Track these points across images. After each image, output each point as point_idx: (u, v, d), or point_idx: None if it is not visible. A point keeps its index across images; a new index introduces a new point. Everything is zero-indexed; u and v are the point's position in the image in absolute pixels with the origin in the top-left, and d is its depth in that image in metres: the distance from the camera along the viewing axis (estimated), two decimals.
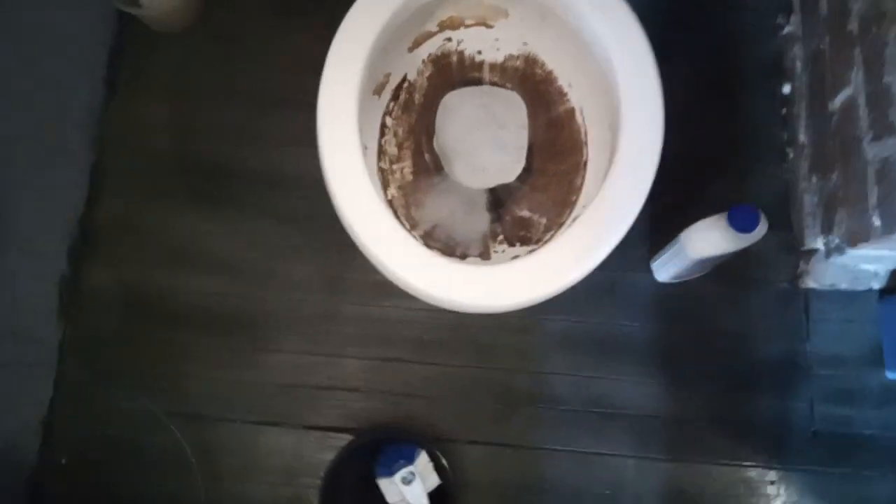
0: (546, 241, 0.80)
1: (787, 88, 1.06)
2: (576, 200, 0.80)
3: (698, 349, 0.97)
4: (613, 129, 0.72)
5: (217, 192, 1.01)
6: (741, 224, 0.78)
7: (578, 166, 0.82)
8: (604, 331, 0.97)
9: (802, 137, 1.02)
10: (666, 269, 0.94)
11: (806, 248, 0.98)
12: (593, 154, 0.81)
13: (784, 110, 1.05)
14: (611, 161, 0.67)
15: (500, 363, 0.96)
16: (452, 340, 0.97)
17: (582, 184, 0.80)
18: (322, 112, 0.67)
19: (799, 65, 1.04)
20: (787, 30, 1.07)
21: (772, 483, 0.93)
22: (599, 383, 0.96)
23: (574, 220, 0.79)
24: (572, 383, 0.96)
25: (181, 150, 1.03)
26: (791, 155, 1.04)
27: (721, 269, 0.95)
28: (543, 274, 0.63)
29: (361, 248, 0.67)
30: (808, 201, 0.98)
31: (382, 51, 0.74)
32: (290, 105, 1.02)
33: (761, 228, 0.79)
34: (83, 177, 1.01)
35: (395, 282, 0.66)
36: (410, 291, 0.66)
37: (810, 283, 0.98)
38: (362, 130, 0.70)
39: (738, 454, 0.93)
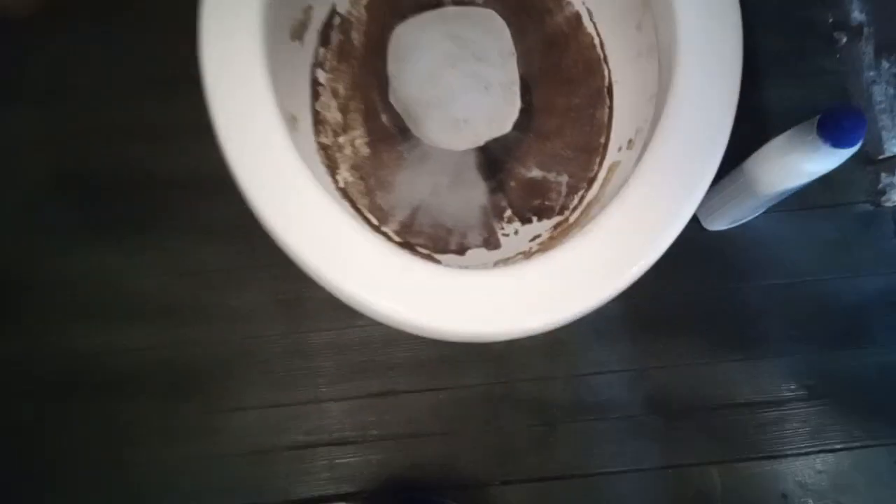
0: (576, 209, 0.56)
1: None
2: (606, 143, 0.57)
3: (776, 307, 0.78)
4: (650, 28, 0.49)
5: (122, 215, 0.80)
6: (840, 135, 0.55)
7: (600, 93, 0.58)
8: (649, 307, 0.77)
9: (858, 15, 0.81)
10: (722, 213, 0.72)
11: (886, 154, 0.79)
12: (620, 72, 0.57)
13: None
14: (667, 78, 0.43)
15: (525, 372, 0.77)
16: (458, 354, 0.78)
17: (610, 117, 0.57)
18: (210, 78, 0.43)
19: None
20: None
21: None
22: (657, 376, 0.76)
23: (609, 170, 0.55)
24: (622, 382, 0.76)
25: (65, 166, 0.80)
26: (843, 40, 0.83)
27: (782, 200, 0.74)
28: (597, 267, 0.40)
29: (304, 269, 0.43)
30: (880, 94, 0.80)
31: None
32: (196, 88, 0.79)
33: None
34: None
35: (366, 312, 0.43)
36: (392, 324, 0.42)
37: None
38: (282, 93, 0.46)
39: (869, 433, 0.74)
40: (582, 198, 0.57)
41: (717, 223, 0.75)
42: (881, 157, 0.79)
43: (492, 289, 0.40)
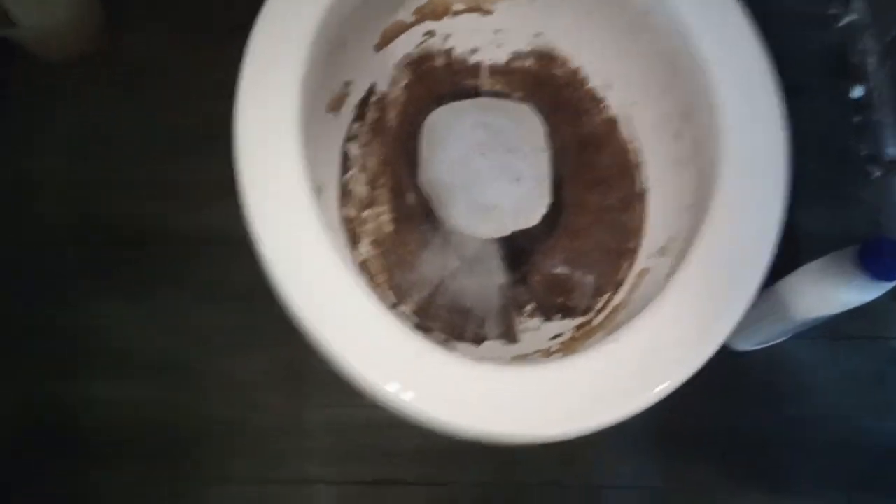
0: (601, 311, 0.54)
1: (858, 91, 0.86)
2: (636, 248, 0.55)
3: (801, 441, 0.73)
4: (689, 139, 0.48)
5: (130, 268, 0.77)
6: (883, 267, 0.53)
7: (633, 198, 0.57)
8: (671, 422, 0.72)
9: (892, 150, 0.81)
10: (750, 333, 0.69)
11: None
12: (655, 179, 0.56)
13: (858, 118, 0.84)
14: (707, 191, 0.42)
15: (536, 475, 0.72)
16: (467, 447, 0.72)
17: (641, 224, 0.55)
18: (242, 137, 0.43)
19: (872, 61, 0.84)
20: (846, 19, 0.88)
21: None
22: (673, 500, 0.71)
23: (639, 276, 0.53)
24: (636, 500, 0.70)
25: (79, 214, 0.80)
26: (877, 173, 0.83)
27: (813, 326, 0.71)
28: (624, 380, 0.37)
29: (315, 344, 0.41)
30: None
31: (335, 46, 0.50)
32: (220, 144, 0.79)
33: None
34: None
35: (367, 393, 0.40)
36: (394, 410, 0.39)
37: None
38: (312, 163, 0.45)
39: None
40: (608, 301, 0.54)
41: (744, 343, 0.73)
42: None
43: (511, 387, 0.37)
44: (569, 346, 0.51)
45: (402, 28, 0.61)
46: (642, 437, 0.72)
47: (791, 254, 0.70)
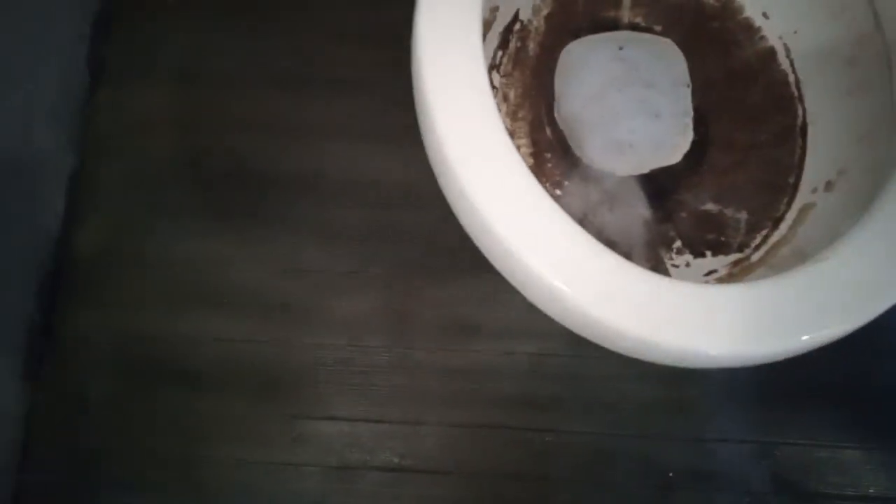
0: (759, 248, 0.52)
1: None
2: (796, 183, 0.53)
3: None
4: (868, 62, 0.45)
5: (238, 206, 0.77)
6: None
7: (790, 132, 0.54)
8: (785, 375, 0.70)
9: None
10: None
11: None
12: (819, 111, 0.53)
13: None
14: None
15: (642, 427, 0.71)
16: (572, 396, 0.72)
17: (802, 158, 0.53)
18: (425, 45, 0.41)
19: None
20: None
21: None
22: (785, 453, 0.69)
23: (801, 211, 0.51)
24: (748, 454, 0.70)
25: (189, 151, 0.79)
26: None
27: None
28: (840, 297, 0.35)
29: (517, 269, 0.40)
30: None
31: None
32: (334, 87, 0.81)
33: None
34: (59, 189, 0.76)
35: (579, 322, 0.38)
36: (602, 338, 0.38)
37: None
38: None
39: None
40: (766, 237, 0.52)
41: None
42: None
43: (707, 303, 0.35)
44: (726, 283, 0.49)
45: None
46: (755, 393, 0.71)
47: None
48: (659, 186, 0.58)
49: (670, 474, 0.69)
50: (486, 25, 0.56)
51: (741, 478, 0.68)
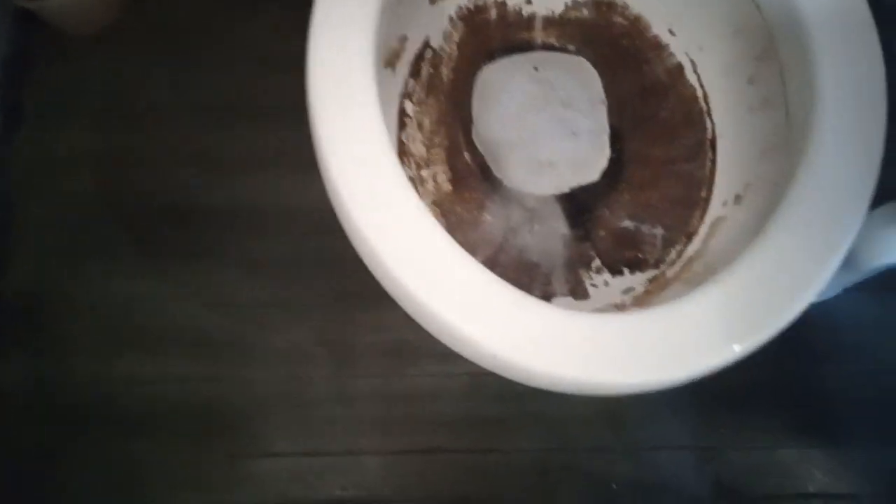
0: (674, 263, 0.52)
1: None
2: (708, 197, 0.53)
3: (856, 395, 0.72)
4: (766, 81, 0.46)
5: (167, 242, 0.76)
6: None
7: (701, 146, 0.55)
8: (720, 380, 0.69)
9: None
10: None
11: None
12: (726, 126, 0.54)
13: None
14: (801, 133, 0.40)
15: (583, 441, 0.71)
16: (512, 415, 0.73)
17: (713, 172, 0.53)
18: (316, 84, 0.40)
19: None
20: None
21: None
22: (726, 457, 0.70)
23: (713, 225, 0.52)
24: (689, 461, 0.71)
25: (114, 188, 0.77)
26: None
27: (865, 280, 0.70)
28: (719, 327, 0.36)
29: (409, 302, 0.39)
30: None
31: None
32: (259, 116, 0.79)
33: None
34: None
35: (475, 356, 0.38)
36: (502, 370, 0.38)
37: None
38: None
39: None
40: (680, 252, 0.53)
41: None
42: None
43: (611, 334, 0.35)
44: (643, 300, 0.50)
45: None
46: (693, 394, 0.71)
47: None
48: (579, 205, 0.59)
49: (613, 486, 0.69)
50: (395, 55, 0.55)
51: (683, 485, 0.69)
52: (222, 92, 0.79)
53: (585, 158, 0.59)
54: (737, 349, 0.36)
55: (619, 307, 0.50)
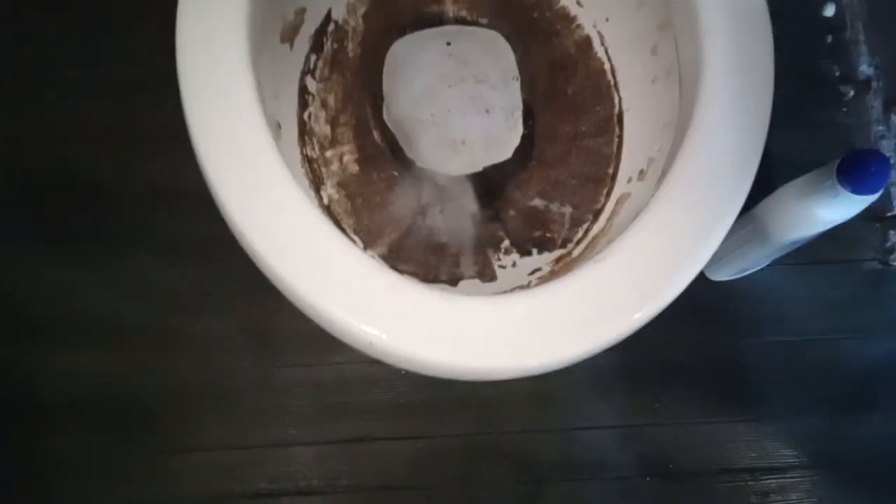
0: (580, 242, 0.51)
1: (829, 10, 0.84)
2: (614, 173, 0.52)
3: (781, 366, 0.73)
4: (668, 52, 0.45)
5: (77, 224, 0.72)
6: (862, 180, 0.51)
7: (609, 121, 0.54)
8: (647, 358, 0.72)
9: (866, 69, 0.79)
10: (727, 262, 0.68)
11: (894, 212, 0.76)
12: (632, 99, 0.53)
13: (830, 38, 0.82)
14: (689, 105, 0.39)
15: (511, 423, 0.70)
16: (440, 400, 0.71)
17: (619, 147, 0.53)
18: (188, 77, 0.38)
19: None
20: None
21: None
22: (654, 434, 0.70)
23: (618, 202, 0.51)
24: (617, 439, 0.71)
25: (22, 170, 0.74)
26: (851, 93, 0.81)
27: (788, 253, 0.70)
28: (616, 298, 0.35)
29: (277, 283, 0.38)
30: (888, 148, 0.78)
31: None
32: (173, 89, 0.74)
33: None
34: None
35: (342, 335, 0.37)
36: (371, 353, 0.37)
37: None
38: (267, 98, 0.41)
39: None
40: (587, 231, 0.52)
41: (721, 273, 0.71)
42: (889, 213, 0.76)
43: (486, 319, 0.34)
44: (548, 280, 0.49)
45: None
46: (621, 376, 0.71)
47: (763, 180, 0.69)
48: (490, 184, 0.57)
49: (544, 466, 0.69)
50: (294, 29, 0.53)
51: (612, 464, 0.69)
52: (134, 65, 0.75)
53: (498, 136, 0.58)
54: (608, 330, 0.35)
55: (525, 289, 0.49)
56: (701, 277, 0.71)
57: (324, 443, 0.69)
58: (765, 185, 0.61)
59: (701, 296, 0.73)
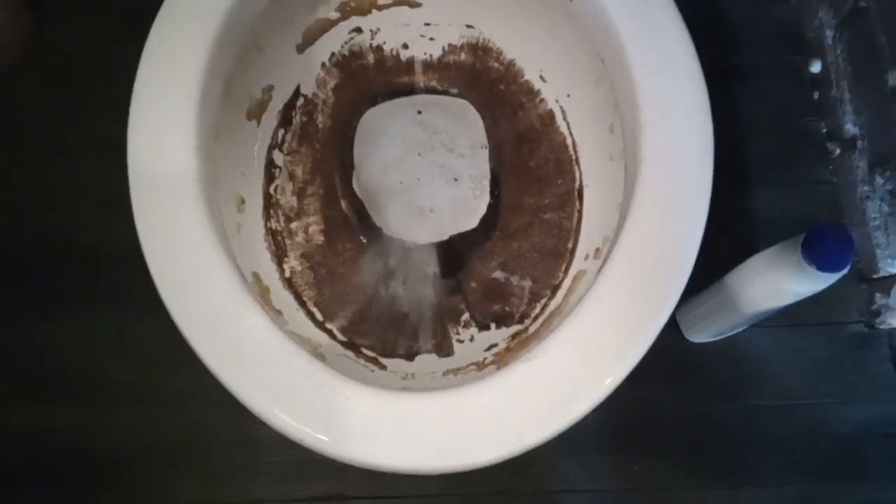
0: (537, 318, 0.51)
1: (816, 66, 0.83)
2: (573, 249, 0.52)
3: (764, 431, 0.71)
4: (621, 131, 0.45)
5: (52, 284, 0.73)
6: (826, 258, 0.50)
7: (570, 196, 0.54)
8: (626, 421, 0.70)
9: (851, 127, 0.78)
10: (705, 325, 0.67)
11: (880, 274, 0.74)
12: (591, 175, 0.53)
13: (817, 94, 0.81)
14: (632, 178, 0.39)
15: (490, 485, 0.69)
16: None
17: (579, 222, 0.52)
18: (134, 146, 0.39)
19: (828, 34, 0.81)
20: None
21: None
22: (632, 500, 0.69)
23: (574, 279, 0.51)
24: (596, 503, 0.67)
25: (8, 229, 0.75)
26: (837, 152, 0.80)
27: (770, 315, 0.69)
28: (557, 387, 0.35)
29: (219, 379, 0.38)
30: (873, 210, 0.76)
31: (247, 48, 0.47)
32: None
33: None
34: None
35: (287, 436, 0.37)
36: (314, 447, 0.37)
37: (893, 321, 0.72)
38: (231, 174, 0.42)
39: None
40: (544, 307, 0.52)
41: (700, 335, 0.70)
42: (875, 276, 0.74)
43: (431, 417, 0.34)
44: (503, 358, 0.49)
45: (326, 26, 0.57)
46: (599, 438, 0.70)
47: (748, 239, 0.68)
48: (454, 254, 0.57)
49: None
50: (261, 106, 0.54)
51: None
52: (112, 132, 0.77)
53: (466, 204, 0.58)
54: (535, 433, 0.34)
55: (480, 365, 0.49)
56: (681, 339, 0.71)
57: (295, 500, 0.68)
58: (748, 243, 0.61)
59: (680, 358, 0.72)
